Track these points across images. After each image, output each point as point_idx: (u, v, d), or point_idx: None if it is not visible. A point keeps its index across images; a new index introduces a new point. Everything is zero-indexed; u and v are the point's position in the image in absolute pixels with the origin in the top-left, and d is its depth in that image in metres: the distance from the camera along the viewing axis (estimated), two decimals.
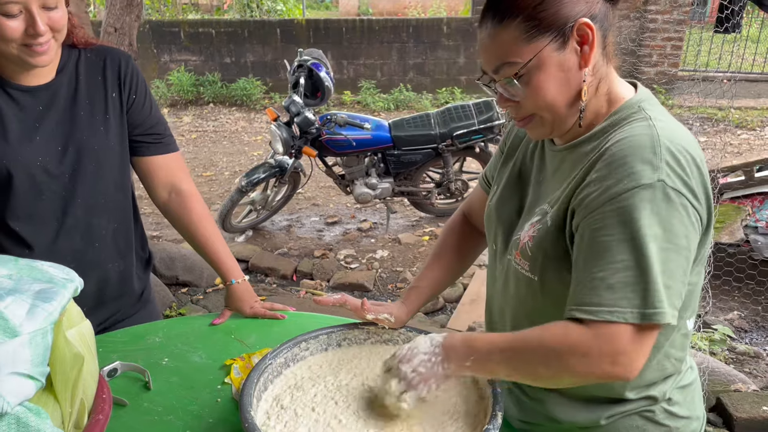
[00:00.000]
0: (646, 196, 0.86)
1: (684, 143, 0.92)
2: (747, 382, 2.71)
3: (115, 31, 3.20)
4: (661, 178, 0.87)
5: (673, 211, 0.87)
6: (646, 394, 1.05)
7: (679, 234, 0.87)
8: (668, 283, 0.87)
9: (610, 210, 0.89)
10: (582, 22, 0.93)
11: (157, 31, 9.03)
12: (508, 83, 0.97)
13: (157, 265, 3.81)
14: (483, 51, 0.98)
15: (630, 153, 0.90)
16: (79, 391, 0.94)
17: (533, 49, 0.93)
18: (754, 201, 3.83)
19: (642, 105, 0.98)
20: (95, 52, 1.43)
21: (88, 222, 1.43)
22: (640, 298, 0.86)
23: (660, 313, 0.86)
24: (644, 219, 0.86)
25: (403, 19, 9.45)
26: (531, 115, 1.00)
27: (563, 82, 0.95)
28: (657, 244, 0.86)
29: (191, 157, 6.67)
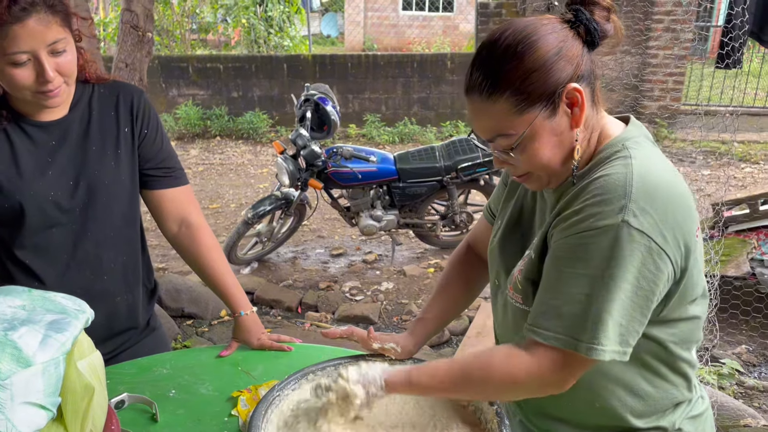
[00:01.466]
0: (608, 237, 0.89)
1: (662, 184, 0.92)
2: (757, 417, 2.68)
3: (126, 66, 3.27)
4: (626, 218, 0.88)
5: (636, 252, 0.88)
6: (655, 425, 1.05)
7: (639, 275, 0.89)
8: (623, 322, 0.90)
9: (572, 245, 0.92)
10: (570, 87, 0.94)
11: (166, 66, 9.19)
12: (505, 152, 0.99)
13: (162, 296, 3.81)
14: (475, 121, 1.00)
15: (601, 192, 0.92)
16: (89, 422, 0.94)
17: (526, 120, 0.95)
18: (759, 234, 3.83)
19: (626, 143, 0.99)
20: (108, 88, 1.46)
21: (98, 255, 1.44)
22: (587, 332, 0.90)
23: (601, 351, 0.90)
24: (602, 260, 0.89)
25: (408, 54, 9.60)
26: (528, 173, 1.02)
27: (557, 144, 0.98)
28: (615, 284, 0.88)
29: (198, 190, 6.71)
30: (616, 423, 1.06)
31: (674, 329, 1.00)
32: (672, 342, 1.01)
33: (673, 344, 1.01)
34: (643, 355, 1.00)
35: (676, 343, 1.01)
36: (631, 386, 1.02)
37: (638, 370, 1.01)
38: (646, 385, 1.03)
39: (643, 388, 1.03)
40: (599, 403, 1.04)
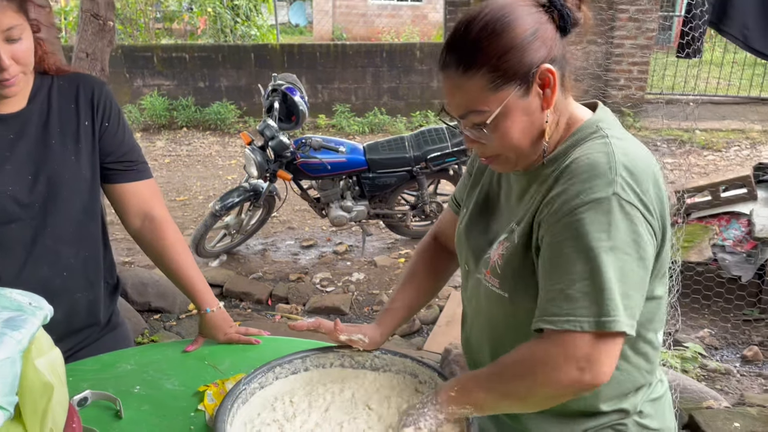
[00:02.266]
0: (602, 209, 0.90)
1: (640, 160, 0.95)
2: (719, 399, 2.75)
3: (87, 56, 3.19)
4: (616, 191, 0.90)
5: (628, 222, 0.90)
6: (618, 407, 1.07)
7: (634, 245, 0.91)
8: (626, 292, 0.90)
9: (567, 223, 0.92)
10: (544, 68, 0.96)
11: (129, 56, 9.00)
12: (476, 129, 1.00)
13: (129, 291, 3.75)
14: (448, 95, 1.01)
15: (587, 169, 0.93)
16: (49, 421, 0.92)
17: (500, 98, 0.96)
18: (720, 220, 3.92)
19: (599, 125, 1.02)
20: (68, 80, 1.42)
21: (57, 251, 1.40)
22: (597, 307, 0.89)
23: (615, 322, 0.89)
24: (599, 232, 0.89)
25: (377, 44, 9.56)
26: (496, 154, 1.03)
27: (527, 124, 0.99)
28: (613, 255, 0.89)
29: (164, 182, 6.61)
30: (580, 407, 1.07)
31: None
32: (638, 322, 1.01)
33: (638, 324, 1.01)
34: None
35: (641, 323, 1.02)
36: None
37: None
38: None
39: None
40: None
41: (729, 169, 6.64)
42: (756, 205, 3.87)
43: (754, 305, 3.68)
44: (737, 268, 3.65)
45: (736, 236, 3.77)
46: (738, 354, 3.34)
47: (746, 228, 3.77)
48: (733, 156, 7.24)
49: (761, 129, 8.15)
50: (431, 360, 2.98)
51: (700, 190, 4.05)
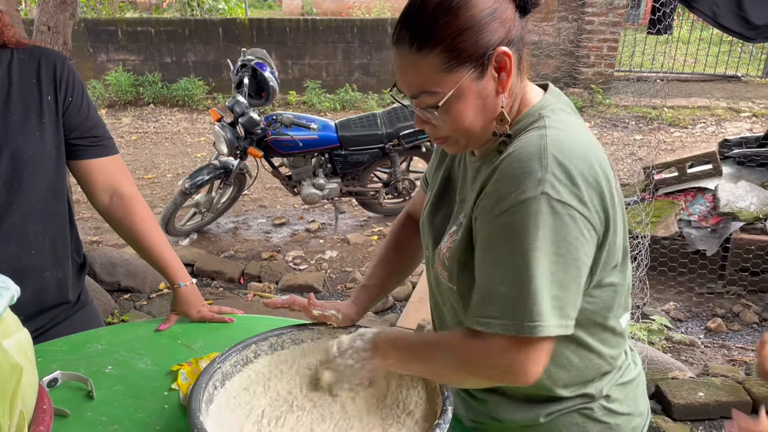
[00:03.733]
0: (530, 210, 0.86)
1: (576, 152, 0.90)
2: (684, 370, 2.84)
3: (48, 29, 3.08)
4: (545, 190, 0.86)
5: (559, 222, 0.86)
6: (581, 392, 1.07)
7: (566, 245, 0.87)
8: (556, 294, 0.87)
9: (497, 224, 0.90)
10: (500, 51, 0.92)
11: (93, 30, 8.74)
12: (428, 110, 0.97)
13: (97, 270, 3.69)
14: (400, 74, 0.97)
15: (517, 166, 0.89)
16: (18, 403, 0.90)
17: (453, 79, 0.92)
18: (687, 196, 4.00)
19: (542, 112, 0.98)
20: (28, 53, 1.37)
21: (24, 229, 1.37)
22: (522, 312, 0.87)
23: (540, 327, 0.87)
24: (528, 234, 0.86)
25: (348, 19, 9.44)
26: (447, 136, 1.01)
27: (481, 108, 0.96)
28: (542, 257, 0.86)
29: (132, 160, 6.48)
30: (543, 393, 1.07)
31: (593, 298, 1.00)
32: (592, 311, 1.01)
33: (593, 313, 1.01)
34: None
35: (596, 311, 1.02)
36: (556, 357, 1.01)
37: (561, 339, 1.00)
38: (570, 355, 1.04)
39: (567, 358, 1.04)
40: None
41: (695, 145, 6.77)
42: (721, 180, 3.96)
43: (718, 278, 3.79)
44: (702, 242, 3.74)
45: (701, 211, 3.86)
46: (702, 326, 3.44)
47: (711, 203, 3.86)
48: (699, 133, 7.37)
49: (726, 106, 8.31)
50: None
51: (667, 166, 4.13)
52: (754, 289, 3.66)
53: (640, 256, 2.84)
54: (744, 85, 9.54)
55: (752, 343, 3.26)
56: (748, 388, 2.65)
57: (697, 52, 9.88)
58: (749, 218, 3.67)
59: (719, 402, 2.59)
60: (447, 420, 0.97)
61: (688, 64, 9.82)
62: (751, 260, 3.60)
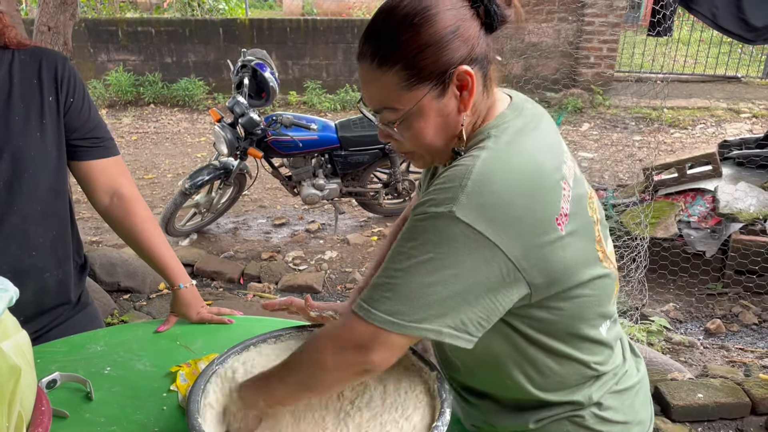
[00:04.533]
0: (434, 223, 0.88)
1: (506, 179, 0.89)
2: (683, 371, 2.84)
3: (48, 29, 3.08)
4: (453, 210, 0.87)
5: (457, 241, 0.87)
6: (569, 399, 1.06)
7: (458, 262, 0.88)
8: (435, 304, 0.88)
9: (408, 224, 0.92)
10: (462, 70, 0.91)
11: (93, 30, 8.75)
12: (389, 126, 0.97)
13: (97, 271, 3.69)
14: (363, 87, 0.98)
15: (443, 181, 0.91)
16: (17, 404, 0.90)
17: (413, 97, 0.92)
18: (686, 197, 4.01)
19: (491, 131, 0.96)
20: (30, 54, 1.37)
21: (25, 230, 1.37)
22: (389, 305, 0.89)
23: (399, 325, 0.89)
24: (425, 243, 0.88)
25: (348, 19, 9.44)
26: (411, 151, 1.02)
27: (442, 126, 0.96)
28: (429, 267, 0.88)
29: (132, 160, 6.49)
30: (529, 398, 1.06)
31: (558, 309, 0.98)
32: (559, 321, 1.00)
33: (561, 323, 1.00)
34: (532, 333, 1.00)
35: (564, 322, 1.00)
36: (535, 362, 1.02)
37: (534, 347, 1.01)
38: (549, 362, 1.03)
39: (546, 365, 1.03)
40: (509, 380, 1.05)
41: (695, 146, 6.76)
42: (721, 181, 3.96)
43: (718, 280, 3.79)
44: (702, 243, 3.74)
45: (701, 212, 3.86)
46: (701, 327, 3.44)
47: (711, 204, 3.86)
48: (699, 134, 7.37)
49: (726, 107, 8.31)
50: None
51: (667, 167, 4.13)
52: (754, 291, 3.66)
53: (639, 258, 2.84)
54: (744, 86, 9.54)
55: (752, 345, 3.26)
56: (747, 390, 2.66)
57: (697, 53, 9.88)
58: (749, 219, 3.67)
59: (718, 403, 2.59)
60: (445, 422, 0.97)
61: (688, 65, 9.83)
62: (751, 261, 3.60)
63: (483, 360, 1.05)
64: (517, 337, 1.00)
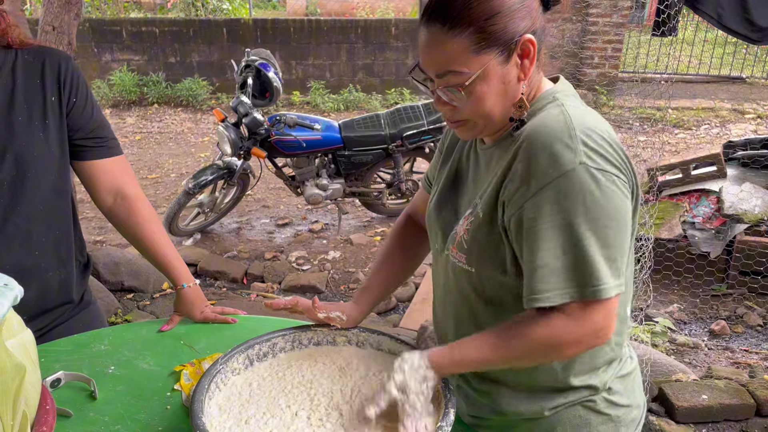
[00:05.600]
0: (572, 182, 0.90)
1: (597, 126, 0.95)
2: (687, 372, 2.83)
3: (53, 29, 3.09)
4: (582, 160, 0.90)
5: (602, 188, 0.90)
6: (588, 383, 1.08)
7: (611, 209, 0.91)
8: (611, 256, 0.91)
9: (540, 200, 0.92)
10: (526, 38, 0.95)
11: (97, 30, 8.77)
12: (451, 90, 0.98)
13: (101, 270, 3.69)
14: (427, 53, 0.98)
15: (547, 140, 0.93)
16: (21, 403, 0.90)
17: (481, 61, 0.95)
18: (691, 198, 3.99)
19: (556, 95, 1.02)
20: (33, 54, 1.37)
21: (28, 230, 1.37)
22: (582, 278, 0.91)
23: (604, 289, 0.91)
24: (575, 204, 0.90)
25: (352, 19, 9.44)
26: (465, 119, 1.02)
27: (502, 93, 0.98)
28: (592, 224, 0.90)
29: (135, 159, 6.50)
30: (550, 383, 1.08)
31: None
32: None
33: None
34: None
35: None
36: None
37: None
38: None
39: None
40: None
41: (699, 147, 6.74)
42: (725, 182, 3.95)
43: (722, 281, 3.78)
44: (706, 244, 3.73)
45: (705, 213, 3.85)
46: (706, 328, 3.43)
47: (715, 205, 3.85)
48: (704, 134, 7.35)
49: (731, 107, 8.28)
50: (407, 337, 3.00)
51: (671, 167, 4.12)
52: (759, 292, 3.65)
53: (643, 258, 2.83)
54: (749, 86, 9.51)
55: (756, 346, 3.25)
56: (751, 391, 2.64)
57: (701, 54, 9.85)
58: (753, 220, 3.66)
59: (723, 405, 2.58)
60: (449, 422, 0.97)
61: (693, 66, 9.80)
62: (756, 262, 3.58)
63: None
64: None
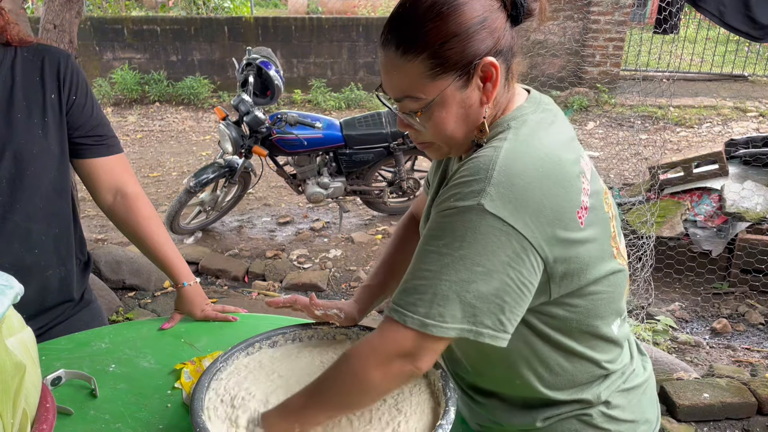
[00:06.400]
0: (463, 218, 0.87)
1: (528, 171, 0.88)
2: (688, 371, 2.82)
3: (54, 27, 3.09)
4: (481, 202, 0.86)
5: (489, 235, 0.86)
6: (577, 397, 1.05)
7: (491, 257, 0.87)
8: (472, 302, 0.87)
9: (434, 222, 0.92)
10: (487, 61, 0.90)
11: (99, 28, 8.77)
12: (410, 115, 0.96)
13: (102, 268, 3.70)
14: (385, 75, 0.96)
15: (467, 174, 0.90)
16: (21, 401, 0.90)
17: (437, 87, 0.91)
18: (692, 196, 3.99)
19: (511, 123, 0.96)
20: (32, 51, 1.37)
21: (28, 228, 1.37)
22: (427, 308, 0.88)
23: (439, 327, 0.88)
24: (455, 239, 0.87)
25: (353, 17, 9.44)
26: (429, 142, 1.01)
27: (463, 117, 0.95)
28: (461, 264, 0.87)
29: (137, 158, 6.50)
30: (537, 396, 1.06)
31: (573, 306, 0.98)
32: (575, 319, 0.99)
33: (576, 321, 1.00)
34: (548, 331, 1.00)
35: (579, 320, 1.00)
36: (546, 361, 1.02)
37: (548, 346, 1.01)
38: (561, 360, 1.03)
39: (558, 363, 1.03)
40: (519, 379, 1.05)
41: (701, 145, 6.74)
42: (727, 180, 3.94)
43: (724, 279, 3.77)
44: (708, 242, 3.72)
45: (707, 211, 3.84)
46: (707, 326, 3.42)
47: (717, 203, 3.85)
48: (706, 132, 7.34)
49: (732, 105, 8.27)
50: None
51: (673, 166, 4.11)
52: (760, 290, 3.65)
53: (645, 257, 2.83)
54: (751, 84, 9.49)
55: (758, 344, 3.24)
56: (753, 390, 2.64)
57: (703, 52, 9.83)
58: (755, 218, 3.65)
59: (724, 403, 2.58)
60: (449, 421, 0.97)
61: (695, 64, 9.78)
62: (757, 260, 3.58)
63: (493, 359, 1.05)
64: (531, 336, 1.00)
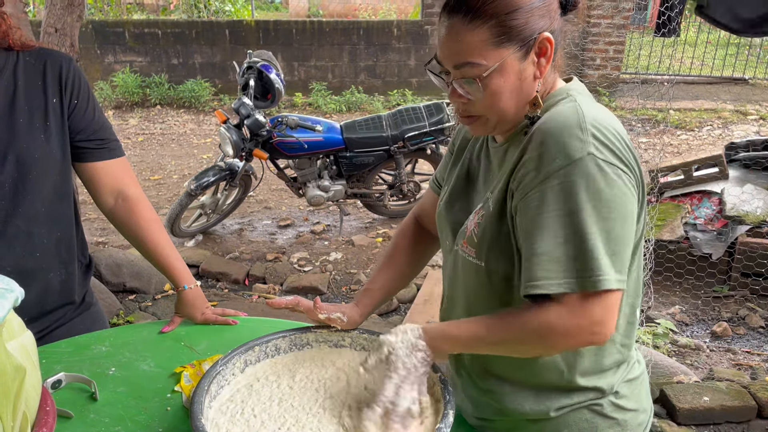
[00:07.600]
0: (579, 171, 0.90)
1: (609, 123, 0.95)
2: (688, 374, 2.82)
3: (55, 31, 3.10)
4: (590, 151, 0.90)
5: (608, 180, 0.90)
6: (595, 384, 1.07)
7: (616, 202, 0.91)
8: (614, 249, 0.91)
9: (546, 188, 0.92)
10: (544, 36, 0.96)
11: (100, 32, 8.79)
12: (467, 82, 0.99)
13: (103, 271, 3.70)
14: (447, 43, 0.99)
15: (558, 131, 0.93)
16: (21, 404, 0.91)
17: (499, 54, 0.96)
18: (693, 199, 3.99)
19: (570, 92, 1.03)
20: (34, 56, 1.37)
21: (29, 231, 1.37)
22: (582, 268, 0.90)
23: (603, 280, 0.89)
24: (580, 193, 0.90)
25: (354, 21, 9.46)
26: (478, 115, 1.03)
27: (517, 90, 0.99)
28: (596, 215, 0.90)
29: (138, 161, 6.51)
30: (556, 381, 1.07)
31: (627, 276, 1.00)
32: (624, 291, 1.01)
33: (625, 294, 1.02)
34: None
35: (628, 292, 1.04)
36: None
37: None
38: None
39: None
40: (544, 358, 1.06)
41: (701, 148, 6.74)
42: (727, 184, 3.94)
43: (724, 282, 3.77)
44: (708, 245, 3.72)
45: (707, 214, 3.84)
46: (708, 330, 3.42)
47: (717, 206, 3.85)
48: (706, 135, 7.34)
49: (733, 109, 8.27)
50: None
51: (673, 169, 4.12)
52: (761, 293, 3.64)
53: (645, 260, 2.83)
54: (751, 87, 9.50)
55: (758, 348, 3.24)
56: (753, 393, 2.64)
57: (704, 55, 9.84)
58: (755, 222, 3.65)
59: (724, 407, 2.58)
60: (448, 424, 0.97)
61: (695, 67, 9.78)
62: (757, 264, 3.58)
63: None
64: None
